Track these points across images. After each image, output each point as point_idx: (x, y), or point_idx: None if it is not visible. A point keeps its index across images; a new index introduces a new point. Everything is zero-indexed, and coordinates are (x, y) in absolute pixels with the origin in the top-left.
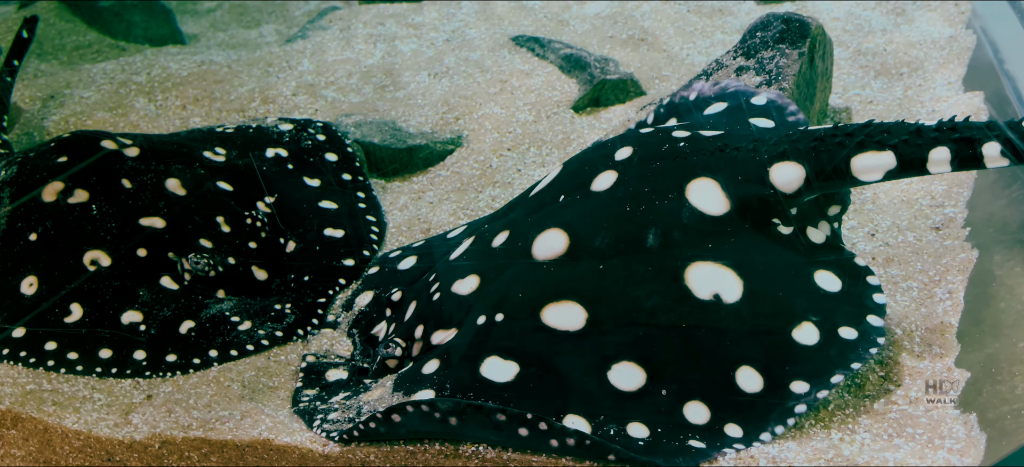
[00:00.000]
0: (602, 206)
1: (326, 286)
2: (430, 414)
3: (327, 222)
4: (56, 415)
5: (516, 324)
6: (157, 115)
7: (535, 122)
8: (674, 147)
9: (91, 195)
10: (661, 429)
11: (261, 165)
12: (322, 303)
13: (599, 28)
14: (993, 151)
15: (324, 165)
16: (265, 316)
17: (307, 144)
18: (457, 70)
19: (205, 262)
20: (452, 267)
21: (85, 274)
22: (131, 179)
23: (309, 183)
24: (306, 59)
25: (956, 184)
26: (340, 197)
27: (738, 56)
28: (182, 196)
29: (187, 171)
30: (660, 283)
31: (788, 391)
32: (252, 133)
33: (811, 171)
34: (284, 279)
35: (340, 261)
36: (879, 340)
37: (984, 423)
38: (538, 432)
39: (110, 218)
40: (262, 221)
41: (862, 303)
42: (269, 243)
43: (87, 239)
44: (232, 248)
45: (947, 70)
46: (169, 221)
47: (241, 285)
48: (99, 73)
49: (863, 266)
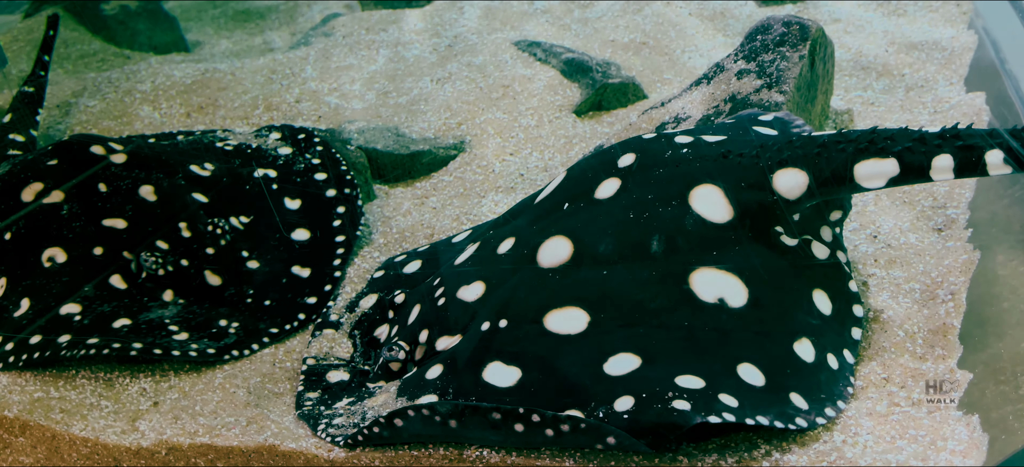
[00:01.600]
0: (606, 213)
1: (285, 319)
2: (431, 418)
3: (295, 255)
4: (63, 422)
5: (519, 330)
6: (162, 123)
7: (537, 126)
8: (677, 154)
9: (66, 196)
10: (646, 395)
11: (246, 183)
12: (274, 333)
13: (600, 32)
14: (996, 159)
15: (310, 186)
16: (205, 330)
17: (300, 166)
18: (459, 75)
19: (153, 260)
20: (457, 273)
21: (40, 270)
22: (108, 183)
23: (289, 205)
24: (309, 66)
25: (958, 185)
26: (318, 225)
27: (739, 59)
28: (152, 202)
29: (165, 180)
30: (664, 287)
31: (788, 398)
32: (250, 152)
33: (814, 177)
34: (239, 290)
35: (303, 297)
36: (851, 378)
37: (987, 424)
38: (532, 425)
39: (76, 218)
40: (223, 230)
41: (843, 335)
42: (229, 252)
43: (49, 237)
44: (188, 252)
45: (949, 71)
46: (130, 222)
47: (192, 288)
48: (104, 81)
49: (854, 292)
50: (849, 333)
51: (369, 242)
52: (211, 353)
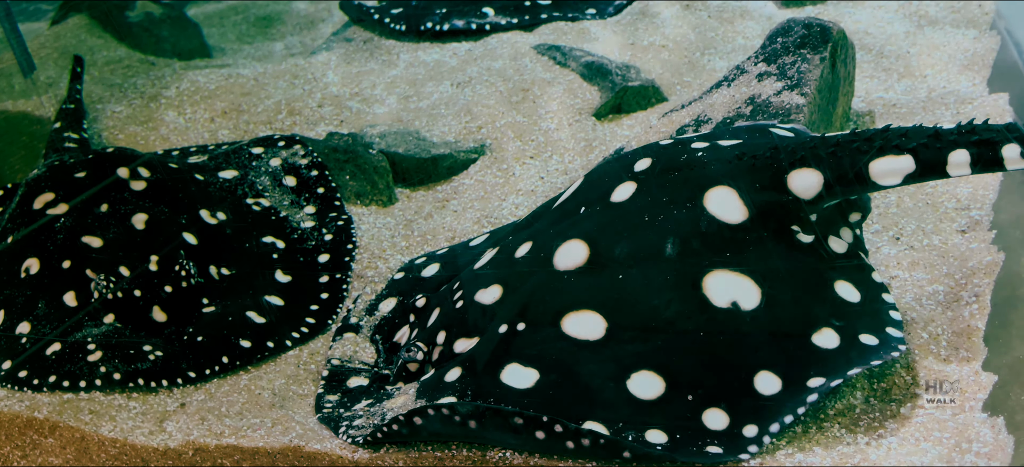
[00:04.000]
0: (621, 217)
1: (208, 361)
2: (450, 417)
3: (258, 310)
4: (92, 423)
5: (537, 332)
6: (186, 128)
7: (557, 130)
8: (692, 157)
9: (68, 210)
10: (680, 435)
11: (246, 242)
12: (192, 376)
13: (620, 34)
14: (1013, 153)
15: (308, 267)
16: (121, 352)
17: (310, 244)
18: (479, 79)
19: (106, 282)
20: (476, 276)
21: (17, 280)
22: (110, 204)
23: (280, 279)
24: (331, 71)
25: (981, 186)
26: (298, 298)
27: (759, 62)
28: (137, 230)
29: (164, 214)
30: (679, 292)
31: (805, 388)
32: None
33: (830, 177)
34: (180, 329)
35: (237, 338)
36: (900, 347)
37: (1012, 426)
38: (554, 434)
39: (63, 231)
40: (189, 273)
41: (880, 316)
42: (187, 296)
43: (34, 248)
44: (145, 284)
45: (971, 72)
46: (106, 243)
47: (133, 317)
48: (130, 88)
49: (880, 283)
50: (887, 314)
51: (391, 244)
52: (116, 378)
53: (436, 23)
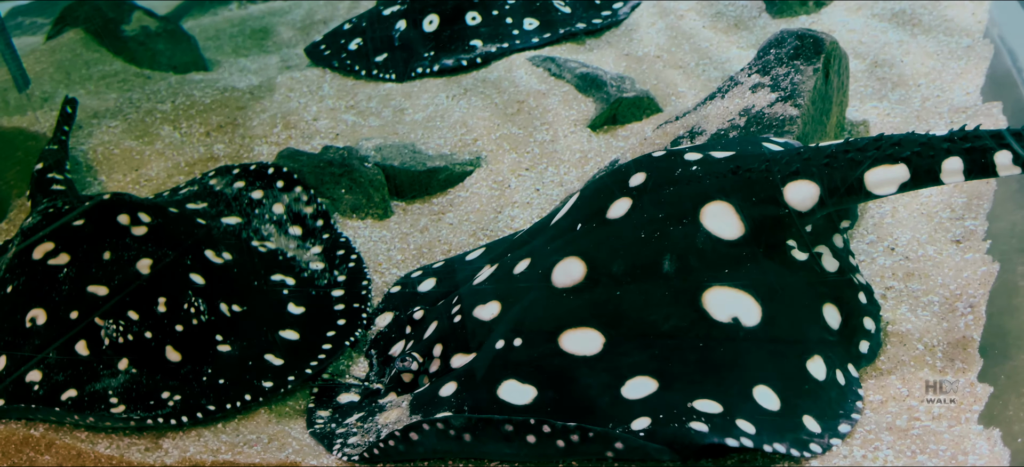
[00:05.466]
0: (618, 233)
1: (229, 399)
2: (445, 431)
3: (274, 350)
4: (89, 440)
5: (535, 349)
6: (182, 142)
7: (553, 142)
8: (687, 171)
9: (71, 259)
10: (663, 415)
11: (254, 280)
12: (211, 410)
13: (614, 46)
14: (1005, 159)
15: (323, 301)
16: (143, 402)
17: (323, 281)
18: (474, 91)
19: (115, 328)
20: (474, 291)
21: (22, 330)
22: (112, 251)
23: (293, 310)
24: (326, 83)
25: (976, 196)
26: (312, 331)
27: (753, 73)
28: (143, 274)
29: (167, 258)
30: (677, 307)
31: (801, 423)
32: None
33: (825, 188)
34: (197, 368)
35: (261, 381)
36: (859, 392)
37: (1009, 438)
38: (543, 435)
39: (67, 282)
40: (198, 310)
41: (849, 350)
42: (200, 333)
43: (37, 298)
44: (156, 325)
45: (965, 80)
46: (112, 290)
47: (147, 359)
48: (126, 102)
49: (864, 305)
50: (856, 347)
51: (387, 258)
52: (133, 422)
53: (426, 67)
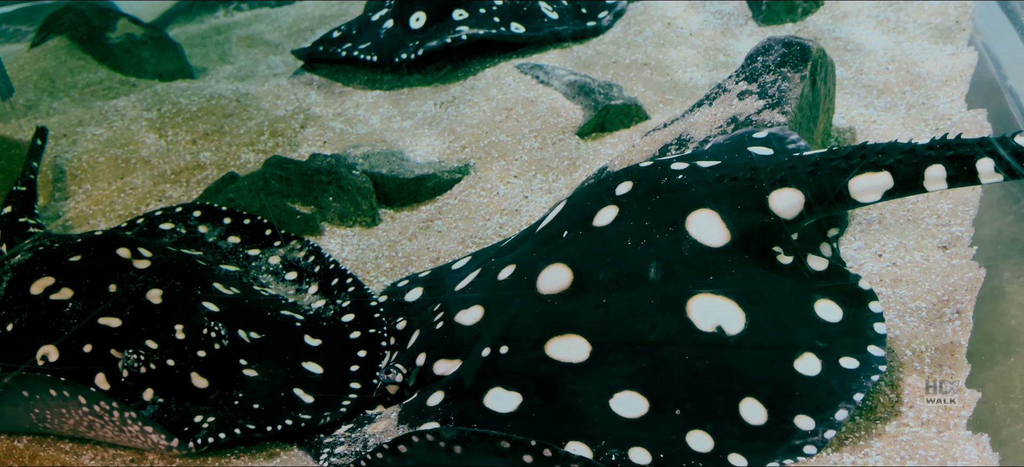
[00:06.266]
0: (604, 241)
1: (268, 421)
2: (436, 444)
3: (303, 382)
4: (73, 452)
5: (520, 356)
6: (168, 151)
7: (541, 149)
8: (673, 180)
9: (74, 294)
10: (664, 455)
11: (267, 311)
12: (250, 429)
13: (603, 53)
14: (987, 167)
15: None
16: (176, 430)
17: (329, 313)
18: (462, 98)
19: (136, 359)
20: (457, 298)
21: (33, 367)
22: (118, 284)
23: (309, 341)
24: (314, 91)
25: (962, 202)
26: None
27: (740, 80)
28: (155, 304)
29: (177, 288)
30: (662, 316)
31: (792, 426)
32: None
33: (810, 196)
34: (227, 394)
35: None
36: (880, 367)
37: (997, 443)
38: (542, 459)
39: (76, 315)
40: (219, 334)
41: (863, 333)
42: (223, 357)
43: (46, 334)
44: (177, 353)
45: (950, 88)
46: (125, 322)
47: (173, 387)
48: (110, 110)
49: (867, 291)
50: (870, 329)
51: (375, 266)
52: (172, 446)
53: (410, 53)
